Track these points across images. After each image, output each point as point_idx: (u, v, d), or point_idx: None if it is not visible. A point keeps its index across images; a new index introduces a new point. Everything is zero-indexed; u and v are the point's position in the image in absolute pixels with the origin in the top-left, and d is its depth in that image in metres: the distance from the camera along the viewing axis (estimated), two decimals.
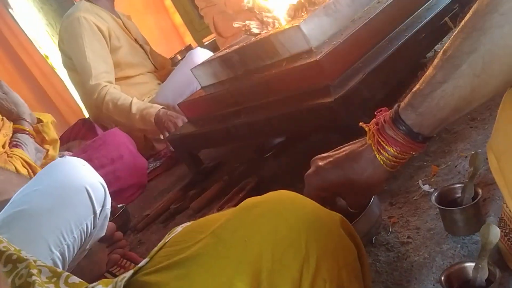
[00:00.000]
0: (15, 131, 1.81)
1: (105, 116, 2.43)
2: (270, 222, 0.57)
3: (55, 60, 4.04)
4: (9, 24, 3.81)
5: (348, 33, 1.26)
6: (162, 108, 2.27)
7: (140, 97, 2.50)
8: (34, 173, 1.68)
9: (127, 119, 2.26)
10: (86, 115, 3.12)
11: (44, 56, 4.06)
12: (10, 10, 3.90)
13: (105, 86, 2.34)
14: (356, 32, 1.25)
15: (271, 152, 1.71)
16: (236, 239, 0.56)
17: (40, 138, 1.87)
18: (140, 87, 2.59)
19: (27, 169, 1.69)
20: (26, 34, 3.91)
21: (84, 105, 2.80)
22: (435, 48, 1.63)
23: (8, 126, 1.81)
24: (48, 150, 1.85)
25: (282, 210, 0.58)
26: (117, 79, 2.50)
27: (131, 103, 2.28)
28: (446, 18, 1.33)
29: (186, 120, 1.94)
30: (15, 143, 1.75)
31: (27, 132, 1.81)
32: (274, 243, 0.55)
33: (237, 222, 0.59)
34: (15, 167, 1.64)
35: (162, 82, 2.66)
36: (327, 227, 0.60)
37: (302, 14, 1.41)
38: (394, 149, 0.67)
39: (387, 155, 0.68)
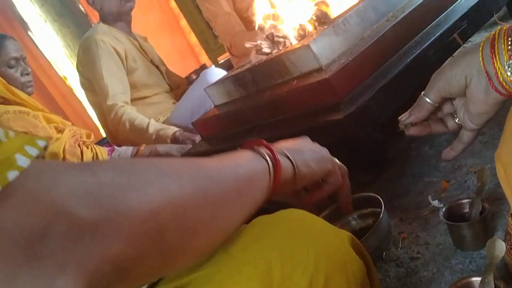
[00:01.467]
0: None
1: (122, 136, 2.47)
2: (280, 239, 0.58)
3: (74, 81, 4.14)
4: (29, 47, 3.92)
5: (358, 51, 1.27)
6: (178, 130, 2.30)
7: (155, 116, 2.54)
8: None
9: (143, 139, 2.29)
10: (103, 134, 3.17)
11: (63, 77, 4.15)
12: (29, 33, 4.01)
13: (122, 106, 2.39)
14: (366, 50, 1.27)
15: None
16: (247, 256, 0.57)
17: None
18: (155, 107, 2.63)
19: None
20: (45, 57, 4.01)
21: (101, 124, 2.85)
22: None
23: (72, 129, 1.93)
24: None
25: (291, 228, 0.59)
26: (133, 100, 2.55)
27: (148, 123, 2.32)
28: (455, 35, 1.34)
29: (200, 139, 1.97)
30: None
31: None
32: (284, 260, 0.56)
33: (248, 239, 0.60)
34: (82, 156, 1.78)
35: (177, 101, 2.70)
36: (336, 244, 0.61)
37: (312, 33, 1.44)
38: None
39: None
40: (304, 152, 0.73)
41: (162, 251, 0.47)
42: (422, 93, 0.70)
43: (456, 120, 0.71)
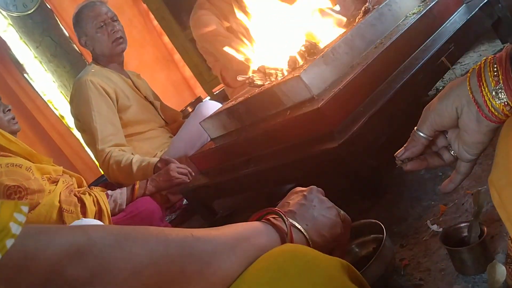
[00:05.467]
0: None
1: (114, 180, 2.46)
2: (272, 275, 0.58)
3: (71, 120, 4.16)
4: (25, 88, 3.95)
5: (348, 79, 1.29)
6: (159, 160, 2.28)
7: (152, 151, 2.54)
8: (101, 218, 1.83)
9: (133, 179, 2.26)
10: (102, 171, 3.17)
11: (60, 117, 4.17)
12: (25, 75, 4.05)
13: (109, 151, 2.37)
14: (356, 78, 1.29)
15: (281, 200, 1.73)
16: None
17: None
18: (152, 142, 2.64)
19: (96, 209, 1.83)
20: (41, 97, 4.04)
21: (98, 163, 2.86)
22: (436, 86, 1.67)
23: (70, 178, 1.95)
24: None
25: (282, 262, 0.59)
26: (129, 135, 2.55)
27: (131, 162, 2.30)
28: (443, 58, 1.36)
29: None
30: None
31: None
32: None
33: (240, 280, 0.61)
34: (84, 202, 1.80)
35: (174, 135, 2.71)
36: (329, 274, 0.61)
37: (302, 64, 1.46)
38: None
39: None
40: (317, 220, 0.74)
41: None
42: (415, 128, 0.71)
43: (452, 152, 0.71)
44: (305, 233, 0.71)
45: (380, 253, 0.93)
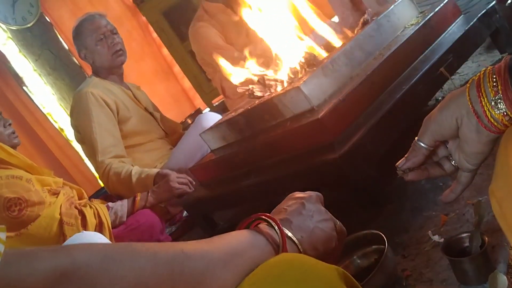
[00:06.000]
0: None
1: (113, 192, 2.45)
2: (271, 285, 0.58)
3: (70, 132, 4.17)
4: (25, 101, 3.96)
5: (347, 90, 1.30)
6: (159, 170, 2.28)
7: (152, 163, 2.54)
8: (101, 230, 1.82)
9: (133, 191, 2.26)
10: (102, 183, 3.17)
11: (59, 129, 4.18)
12: (24, 88, 4.06)
13: (109, 162, 2.36)
14: (355, 88, 1.30)
15: None
16: None
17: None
18: (152, 154, 2.64)
19: (96, 222, 1.81)
20: (41, 110, 4.05)
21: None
22: (435, 96, 1.68)
23: (71, 190, 1.95)
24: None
25: (279, 273, 0.59)
26: (129, 147, 2.55)
27: (130, 174, 2.29)
28: (442, 69, 1.37)
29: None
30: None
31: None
32: None
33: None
34: (85, 214, 1.80)
35: (174, 146, 2.72)
36: (326, 281, 0.61)
37: (302, 75, 1.47)
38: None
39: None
40: (313, 232, 0.72)
41: None
42: (416, 138, 0.71)
43: (453, 162, 0.72)
44: (298, 245, 0.69)
45: (382, 264, 0.93)
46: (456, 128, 0.66)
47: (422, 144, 0.70)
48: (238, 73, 1.65)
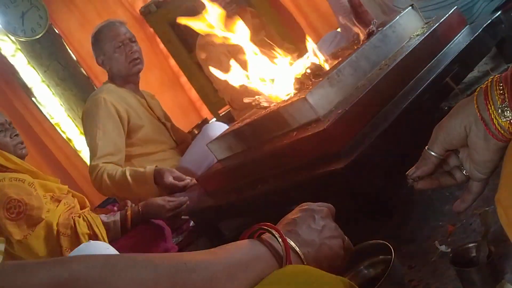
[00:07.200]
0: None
1: (107, 194, 2.44)
2: None
3: (79, 143, 4.20)
4: (33, 112, 4.00)
5: (353, 100, 1.30)
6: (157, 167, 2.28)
7: None
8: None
9: (130, 192, 2.24)
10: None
11: (67, 140, 4.21)
12: (33, 98, 4.10)
13: (103, 166, 2.35)
14: (361, 98, 1.30)
15: None
16: None
17: None
18: (163, 164, 2.64)
19: (90, 233, 1.80)
20: (49, 120, 4.08)
21: None
22: (441, 106, 1.67)
23: (73, 199, 1.95)
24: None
25: (286, 285, 0.59)
26: (140, 155, 2.57)
27: (125, 174, 2.28)
28: (447, 79, 1.37)
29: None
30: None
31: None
32: None
33: None
34: (78, 227, 1.78)
35: (182, 156, 2.73)
36: None
37: (308, 86, 1.47)
38: None
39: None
40: (320, 249, 0.71)
41: None
42: (426, 147, 0.72)
43: (464, 172, 0.72)
44: (303, 260, 0.68)
45: (389, 274, 0.92)
46: (465, 136, 0.66)
47: (432, 153, 0.71)
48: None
